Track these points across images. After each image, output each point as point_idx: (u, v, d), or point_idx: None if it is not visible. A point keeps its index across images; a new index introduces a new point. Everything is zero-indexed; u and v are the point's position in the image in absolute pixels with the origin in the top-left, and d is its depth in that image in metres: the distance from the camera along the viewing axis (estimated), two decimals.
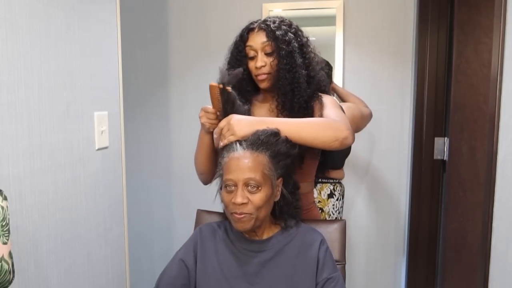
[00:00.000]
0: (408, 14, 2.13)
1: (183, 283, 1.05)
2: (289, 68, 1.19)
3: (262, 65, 1.20)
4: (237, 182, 0.98)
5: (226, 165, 1.01)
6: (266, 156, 1.00)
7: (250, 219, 0.99)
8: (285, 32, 1.20)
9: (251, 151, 1.00)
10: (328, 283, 1.02)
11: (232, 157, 1.00)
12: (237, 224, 1.00)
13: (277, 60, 1.20)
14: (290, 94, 1.20)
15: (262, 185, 0.99)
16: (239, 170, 0.98)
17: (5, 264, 0.71)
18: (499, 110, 1.27)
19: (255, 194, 0.98)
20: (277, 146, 1.02)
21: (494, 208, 1.30)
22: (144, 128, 2.42)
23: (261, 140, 1.01)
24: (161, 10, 2.34)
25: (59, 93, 1.13)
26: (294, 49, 1.20)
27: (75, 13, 1.19)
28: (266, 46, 1.20)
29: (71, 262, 1.21)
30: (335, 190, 1.77)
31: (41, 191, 1.07)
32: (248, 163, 0.98)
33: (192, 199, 1.68)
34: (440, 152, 2.09)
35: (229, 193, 1.00)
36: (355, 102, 1.89)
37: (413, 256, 2.17)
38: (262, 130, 1.03)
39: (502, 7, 1.24)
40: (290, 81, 1.19)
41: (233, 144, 1.02)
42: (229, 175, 0.99)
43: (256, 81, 1.25)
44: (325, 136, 1.08)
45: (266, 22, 1.22)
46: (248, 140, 1.02)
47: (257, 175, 0.98)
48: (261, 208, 0.99)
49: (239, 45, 1.23)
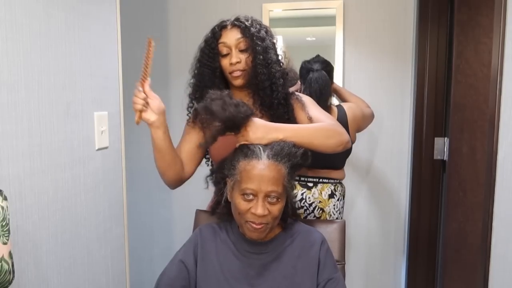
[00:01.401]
0: (408, 14, 2.13)
1: (183, 284, 1.04)
2: (266, 64, 1.19)
3: (238, 61, 1.19)
4: (258, 193, 0.96)
5: (247, 173, 0.98)
6: (286, 168, 1.00)
7: (266, 229, 1.00)
8: (259, 30, 1.21)
9: (274, 162, 0.98)
10: (329, 283, 1.02)
11: (255, 165, 0.98)
12: (252, 234, 1.00)
13: (252, 56, 1.19)
14: (268, 89, 1.21)
15: (281, 196, 0.99)
16: (262, 181, 0.96)
17: (5, 264, 0.71)
18: (499, 110, 1.27)
19: (274, 206, 0.98)
20: (296, 158, 1.02)
21: (494, 208, 1.30)
22: (144, 128, 2.41)
23: (285, 152, 1.00)
24: (161, 10, 2.34)
25: (59, 93, 1.13)
26: (268, 46, 1.21)
27: (75, 13, 1.19)
28: (240, 42, 1.20)
29: (71, 262, 1.21)
30: (336, 190, 1.77)
31: (41, 191, 1.07)
32: (272, 175, 0.97)
33: (192, 199, 1.68)
34: (440, 152, 2.09)
35: (246, 201, 0.98)
36: (357, 102, 1.89)
37: (413, 256, 2.17)
38: (285, 143, 1.02)
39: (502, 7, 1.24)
40: (268, 77, 1.20)
41: (255, 151, 1.00)
42: (250, 184, 0.97)
43: (229, 78, 1.24)
44: (332, 142, 1.11)
45: (240, 20, 1.22)
46: (273, 150, 1.00)
47: (279, 188, 0.97)
48: (277, 218, 1.00)
49: (211, 42, 1.22)
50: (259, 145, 1.02)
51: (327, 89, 1.78)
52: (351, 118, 1.77)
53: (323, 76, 1.77)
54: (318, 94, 1.72)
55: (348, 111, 1.78)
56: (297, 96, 1.28)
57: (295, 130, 1.09)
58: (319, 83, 1.75)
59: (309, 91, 1.74)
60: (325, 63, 1.84)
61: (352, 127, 1.77)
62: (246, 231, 1.01)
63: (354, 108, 1.82)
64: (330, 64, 1.87)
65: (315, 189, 1.74)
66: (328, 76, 1.80)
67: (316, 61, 1.84)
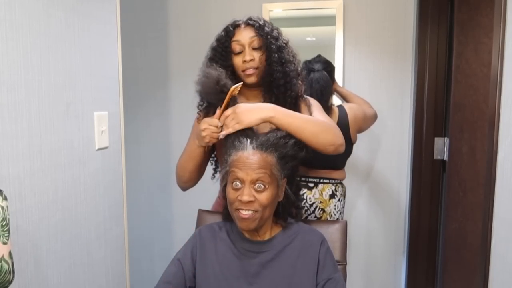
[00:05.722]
0: (408, 14, 2.13)
1: (179, 282, 1.06)
2: (280, 62, 1.20)
3: (251, 59, 1.20)
4: (245, 180, 0.99)
5: (234, 162, 1.01)
6: (274, 157, 1.02)
7: (255, 219, 0.99)
8: (272, 29, 1.22)
9: (260, 151, 1.01)
10: (329, 283, 1.02)
11: (241, 155, 1.01)
12: (241, 223, 1.00)
13: (267, 55, 1.21)
14: (283, 88, 1.21)
15: (269, 185, 1.00)
16: (248, 168, 0.99)
17: (5, 264, 0.71)
18: (499, 110, 1.27)
19: (261, 193, 0.99)
20: (285, 148, 1.04)
21: (494, 208, 1.30)
22: (144, 128, 2.41)
23: (271, 142, 1.03)
24: (161, 10, 2.34)
25: (59, 93, 1.13)
26: (282, 45, 1.22)
27: (75, 13, 1.19)
28: (254, 41, 1.20)
29: (71, 262, 1.21)
30: (337, 190, 1.77)
31: (41, 191, 1.07)
32: (257, 162, 0.99)
33: (192, 199, 1.68)
34: (440, 152, 2.09)
35: (235, 190, 1.00)
36: (359, 103, 1.89)
37: (413, 256, 2.17)
38: (272, 133, 1.05)
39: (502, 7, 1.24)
40: (283, 75, 1.21)
41: (242, 142, 1.03)
42: (237, 173, 0.99)
43: (242, 76, 1.24)
44: (325, 138, 1.11)
45: (253, 19, 1.23)
46: (258, 141, 1.03)
47: (265, 175, 0.99)
48: (266, 207, 1.00)
49: (224, 41, 1.23)
50: (247, 136, 1.05)
51: (328, 89, 1.78)
52: (352, 119, 1.76)
53: (324, 76, 1.77)
54: (319, 95, 1.72)
55: (349, 112, 1.78)
56: (306, 98, 1.29)
57: (289, 114, 1.10)
58: (320, 84, 1.75)
59: (310, 92, 1.74)
60: (326, 64, 1.84)
61: (353, 128, 1.77)
62: (237, 222, 1.02)
63: (355, 108, 1.82)
64: (331, 64, 1.87)
65: (315, 189, 1.74)
66: (329, 76, 1.80)
67: (317, 61, 1.83)
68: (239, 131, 1.07)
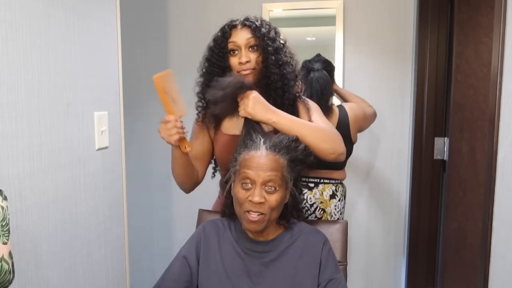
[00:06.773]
0: (408, 14, 2.13)
1: (187, 279, 1.05)
2: (277, 65, 1.20)
3: (247, 61, 1.19)
4: (256, 181, 0.98)
5: (246, 162, 1.01)
6: (285, 160, 1.02)
7: (263, 221, 0.99)
8: (269, 30, 1.21)
9: (273, 153, 1.01)
10: (331, 284, 1.02)
11: (254, 155, 1.01)
12: (249, 225, 1.00)
13: (263, 56, 1.20)
14: (280, 90, 1.21)
15: (279, 187, 0.99)
16: (260, 169, 0.98)
17: (5, 264, 0.71)
18: (499, 110, 1.27)
19: (272, 195, 0.99)
20: (296, 152, 1.05)
21: (494, 208, 1.30)
22: (144, 128, 2.41)
23: (284, 144, 1.03)
24: (161, 10, 2.34)
25: (59, 93, 1.13)
26: (279, 46, 1.21)
27: (75, 13, 1.19)
28: (250, 42, 1.20)
29: (71, 262, 1.21)
30: (337, 190, 1.77)
31: (41, 191, 1.07)
32: (269, 164, 0.99)
33: (192, 199, 1.68)
34: (440, 152, 2.09)
35: (245, 190, 0.99)
36: (358, 102, 1.89)
37: (413, 256, 2.17)
38: (285, 136, 1.06)
39: (502, 7, 1.24)
40: (280, 77, 1.20)
41: (255, 142, 1.04)
42: (248, 173, 0.99)
43: None
44: (326, 146, 1.11)
45: (249, 20, 1.22)
46: (272, 142, 1.03)
47: (276, 177, 0.99)
48: (274, 209, 1.00)
49: (221, 42, 1.22)
50: (260, 136, 1.05)
51: (328, 89, 1.78)
52: (352, 118, 1.77)
53: (324, 76, 1.77)
54: (319, 94, 1.72)
55: (350, 111, 1.78)
56: (304, 99, 1.29)
57: (292, 120, 1.10)
58: (320, 83, 1.75)
59: (310, 91, 1.74)
60: (326, 63, 1.84)
61: (354, 127, 1.77)
62: (244, 223, 1.01)
63: (355, 108, 1.82)
64: (331, 63, 1.87)
65: (316, 189, 1.74)
66: (329, 75, 1.80)
67: (317, 60, 1.83)
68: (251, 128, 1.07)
